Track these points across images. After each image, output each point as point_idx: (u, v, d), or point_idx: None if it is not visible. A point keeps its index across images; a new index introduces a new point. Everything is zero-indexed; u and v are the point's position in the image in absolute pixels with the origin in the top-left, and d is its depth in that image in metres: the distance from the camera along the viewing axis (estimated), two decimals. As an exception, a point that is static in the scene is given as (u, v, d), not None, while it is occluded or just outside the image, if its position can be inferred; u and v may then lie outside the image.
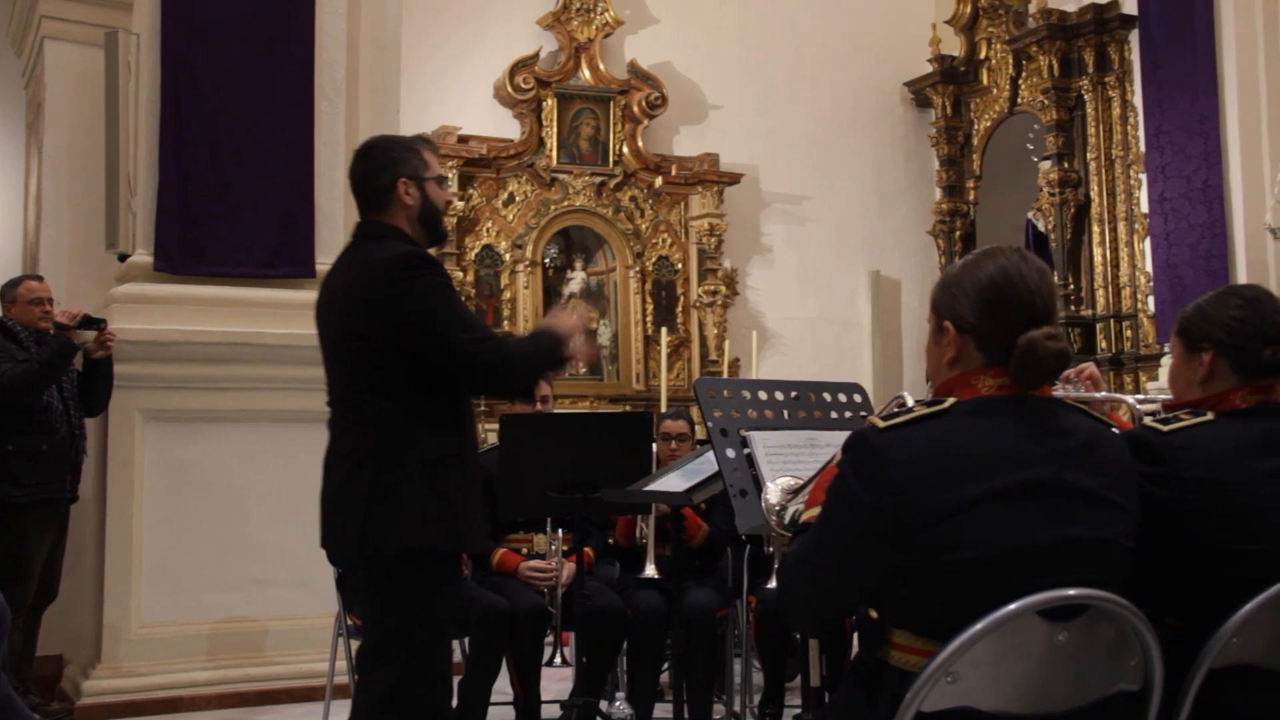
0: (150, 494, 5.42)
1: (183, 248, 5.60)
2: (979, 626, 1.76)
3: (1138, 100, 9.40)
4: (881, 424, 1.83)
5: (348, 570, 3.02)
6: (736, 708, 4.83)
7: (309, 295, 5.71)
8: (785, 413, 2.88)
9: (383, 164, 3.07)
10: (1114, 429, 2.02)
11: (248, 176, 5.69)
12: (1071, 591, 1.81)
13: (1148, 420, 2.24)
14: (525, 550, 4.73)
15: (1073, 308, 9.77)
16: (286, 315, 5.65)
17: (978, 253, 1.98)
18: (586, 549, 4.62)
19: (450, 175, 9.19)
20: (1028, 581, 1.78)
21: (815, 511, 1.95)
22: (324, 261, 5.86)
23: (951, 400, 1.87)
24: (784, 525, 2.26)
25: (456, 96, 9.48)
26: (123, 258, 5.78)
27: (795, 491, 2.26)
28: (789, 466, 2.71)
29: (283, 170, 5.77)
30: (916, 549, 1.79)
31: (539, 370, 3.12)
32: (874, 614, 1.89)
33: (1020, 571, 1.79)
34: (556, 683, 5.28)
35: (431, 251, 3.11)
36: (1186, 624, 2.11)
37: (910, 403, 1.90)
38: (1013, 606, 1.77)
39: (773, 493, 2.32)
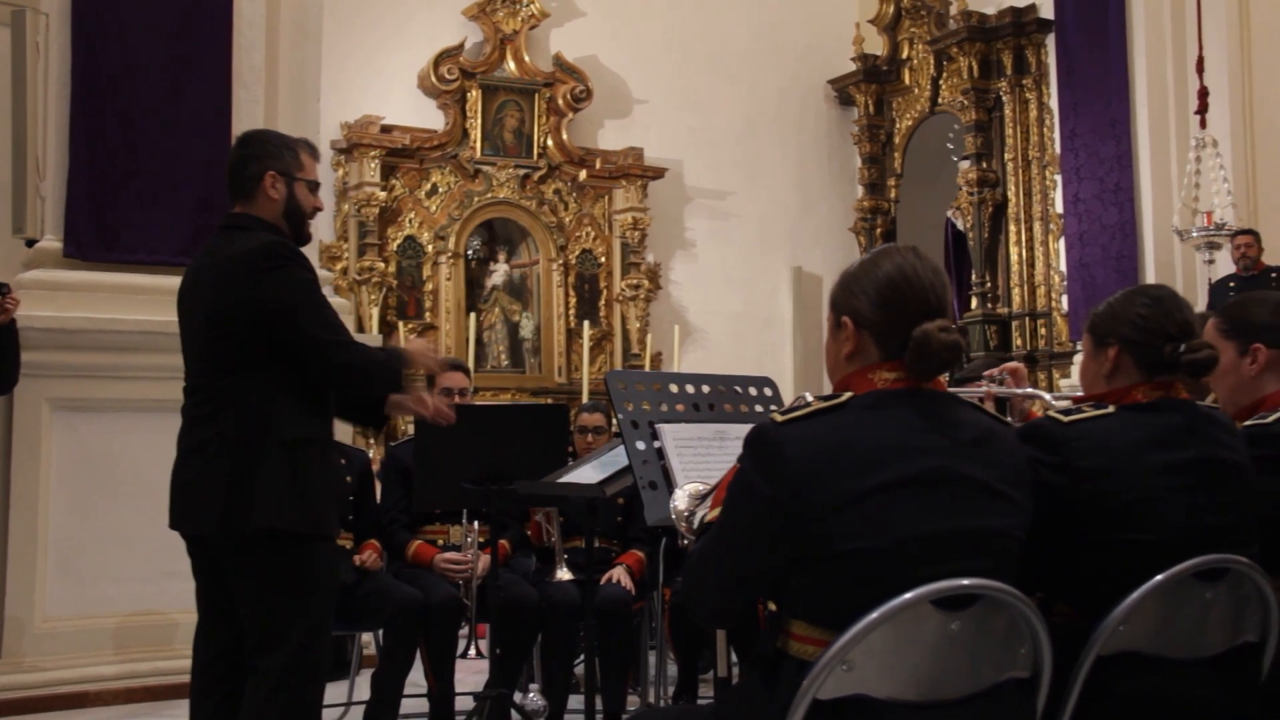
0: (57, 484, 5.31)
1: (94, 233, 5.50)
2: (874, 615, 1.80)
3: (1054, 103, 9.59)
4: (780, 418, 1.87)
5: (215, 555, 3.01)
6: (651, 699, 4.85)
7: (225, 284, 5.70)
8: (696, 406, 2.91)
9: (255, 154, 3.10)
10: (1007, 424, 2.06)
11: (162, 162, 5.60)
12: (965, 582, 1.85)
13: (1050, 411, 2.30)
14: (441, 542, 4.72)
15: (989, 305, 9.95)
16: (201, 304, 5.55)
17: (875, 251, 2.03)
18: (502, 541, 4.61)
19: (373, 165, 9.12)
20: (921, 571, 1.82)
21: (719, 512, 1.99)
22: (241, 250, 5.78)
23: (848, 395, 1.92)
24: (692, 530, 2.29)
25: (380, 86, 9.41)
26: (30, 243, 5.65)
27: (703, 497, 2.28)
28: (699, 459, 2.73)
29: (199, 157, 5.67)
30: (813, 539, 1.83)
31: (384, 383, 3.13)
32: (773, 605, 1.92)
33: (914, 561, 1.83)
34: (472, 675, 5.26)
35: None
36: (1077, 611, 2.17)
37: (810, 400, 1.93)
38: (907, 596, 1.80)
39: (680, 499, 2.34)
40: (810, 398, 1.96)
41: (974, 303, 10.05)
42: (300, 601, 2.95)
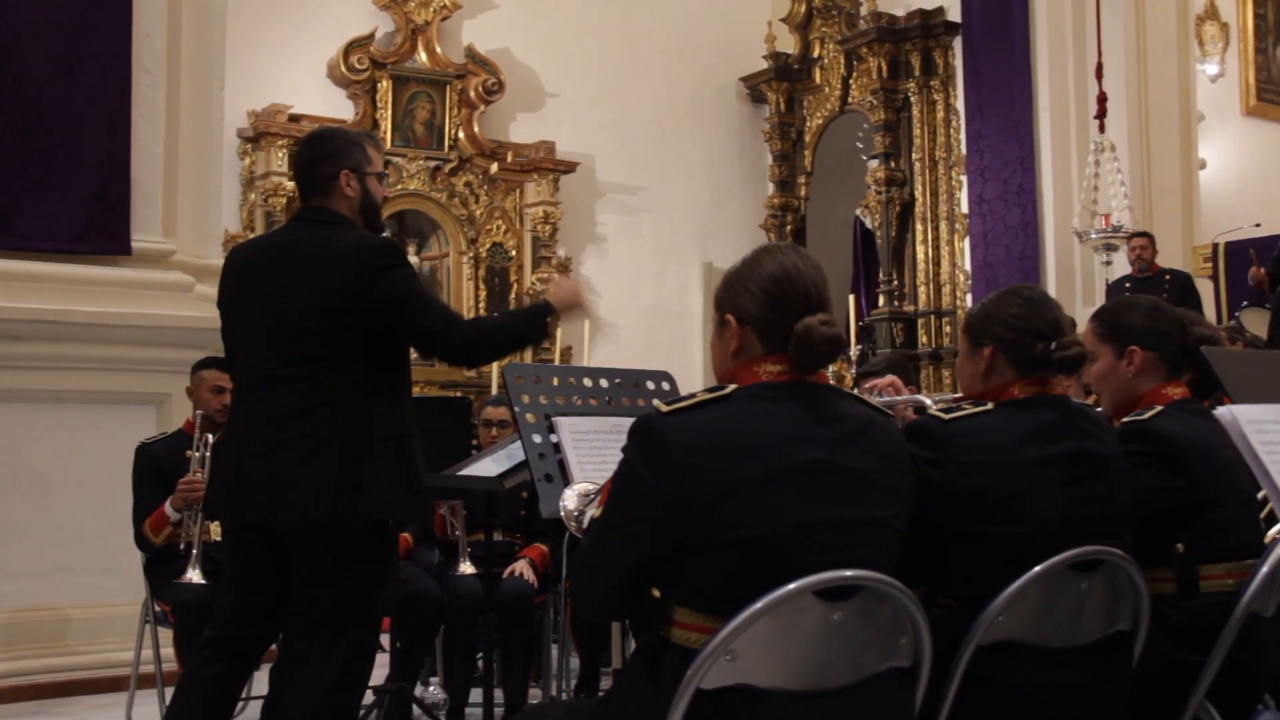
0: (-56, 476, 5.17)
1: (-17, 219, 5.35)
2: (758, 606, 1.82)
3: (960, 104, 9.76)
4: (664, 408, 1.89)
5: (298, 542, 3.05)
6: (553, 692, 4.86)
7: (123, 273, 5.59)
8: (593, 399, 2.92)
9: (327, 153, 3.15)
10: (889, 415, 2.11)
11: (56, 147, 5.46)
12: (849, 573, 1.88)
13: (932, 410, 2.35)
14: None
15: (895, 303, 10.09)
16: (98, 293, 5.45)
17: (756, 250, 2.07)
18: (404, 534, 4.58)
19: (280, 154, 8.98)
20: (803, 559, 1.85)
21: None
22: (140, 238, 5.67)
23: (732, 386, 1.95)
24: (582, 530, 2.31)
25: (289, 74, 9.28)
26: (-83, 229, 5.49)
27: (591, 496, 2.31)
28: (595, 452, 2.75)
29: (96, 143, 5.55)
30: (696, 528, 1.85)
31: (508, 347, 3.28)
32: (657, 593, 1.95)
33: (795, 549, 1.86)
34: (374, 668, 5.22)
35: None
36: (959, 603, 2.22)
37: (696, 391, 1.96)
38: (790, 586, 1.83)
39: (570, 499, 2.36)
40: (698, 389, 1.99)
41: (881, 300, 10.20)
42: (376, 585, 3.04)
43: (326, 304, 3.00)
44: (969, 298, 9.71)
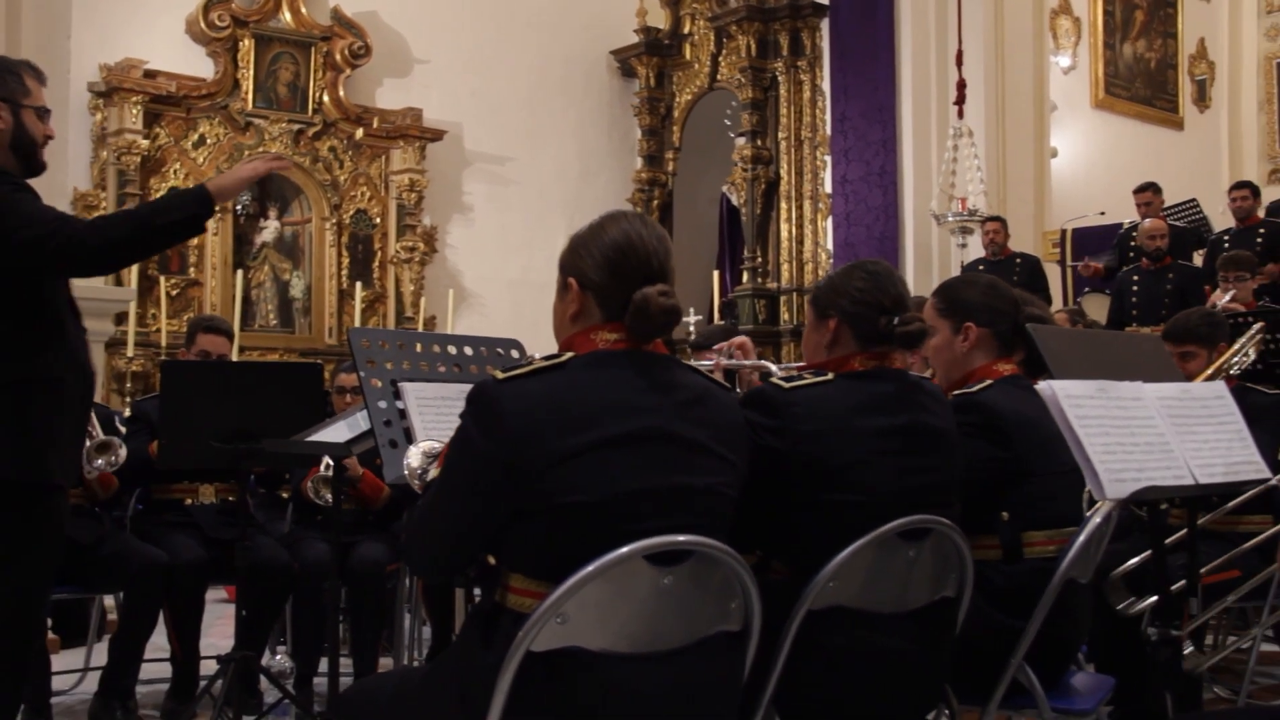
0: None
1: None
2: (589, 569, 1.85)
3: (826, 86, 9.91)
4: (500, 375, 1.90)
5: None
6: (405, 661, 4.84)
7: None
8: (441, 365, 2.90)
9: None
10: (726, 387, 2.14)
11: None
12: (681, 538, 1.92)
13: (774, 378, 2.39)
14: (189, 501, 4.57)
15: (759, 280, 10.23)
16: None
17: (603, 216, 2.07)
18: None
19: (135, 111, 8.68)
20: (635, 525, 1.88)
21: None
22: (-22, 193, 5.43)
23: (569, 354, 1.96)
24: (425, 488, 2.30)
25: (145, 28, 8.96)
26: None
27: (436, 455, 2.30)
28: (440, 418, 2.73)
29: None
30: (531, 494, 1.87)
31: (140, 238, 2.93)
32: (492, 560, 1.96)
33: (627, 515, 1.89)
34: (226, 639, 5.13)
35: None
36: (792, 569, 2.28)
37: (534, 358, 1.97)
38: (621, 551, 1.86)
39: (414, 456, 2.36)
40: (537, 356, 2.00)
41: (745, 277, 10.33)
42: (12, 557, 2.81)
43: None
44: (830, 276, 9.89)
